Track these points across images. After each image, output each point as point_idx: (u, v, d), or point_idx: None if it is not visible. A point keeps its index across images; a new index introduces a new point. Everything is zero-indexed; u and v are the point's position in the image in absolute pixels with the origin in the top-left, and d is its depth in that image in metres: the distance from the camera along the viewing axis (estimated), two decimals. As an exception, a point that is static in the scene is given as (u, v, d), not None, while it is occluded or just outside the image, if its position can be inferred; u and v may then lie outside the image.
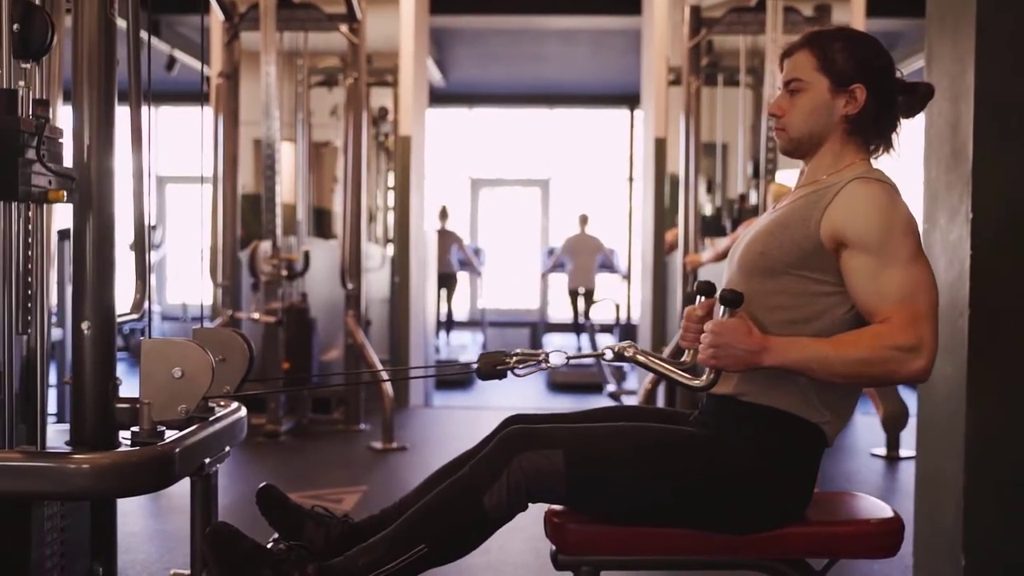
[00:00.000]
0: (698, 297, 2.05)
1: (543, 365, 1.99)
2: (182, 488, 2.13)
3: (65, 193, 1.89)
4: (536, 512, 1.99)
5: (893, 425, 4.94)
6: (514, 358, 1.99)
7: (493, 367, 1.99)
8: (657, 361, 1.99)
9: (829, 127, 1.97)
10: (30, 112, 1.86)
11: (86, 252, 1.91)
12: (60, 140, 1.95)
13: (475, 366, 2.00)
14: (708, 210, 7.68)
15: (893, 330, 1.81)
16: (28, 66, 1.91)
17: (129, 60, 2.28)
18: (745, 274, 1.97)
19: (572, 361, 2.00)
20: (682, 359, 2.09)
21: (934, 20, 2.80)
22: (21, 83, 1.88)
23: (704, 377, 1.91)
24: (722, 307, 1.87)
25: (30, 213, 1.95)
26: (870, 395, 4.97)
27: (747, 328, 1.84)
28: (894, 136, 2.00)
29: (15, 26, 1.86)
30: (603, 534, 1.92)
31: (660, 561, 1.97)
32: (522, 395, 8.31)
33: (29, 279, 1.93)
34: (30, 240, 1.95)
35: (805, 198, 1.96)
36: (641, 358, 1.97)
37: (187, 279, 11.83)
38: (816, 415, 1.91)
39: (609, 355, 1.98)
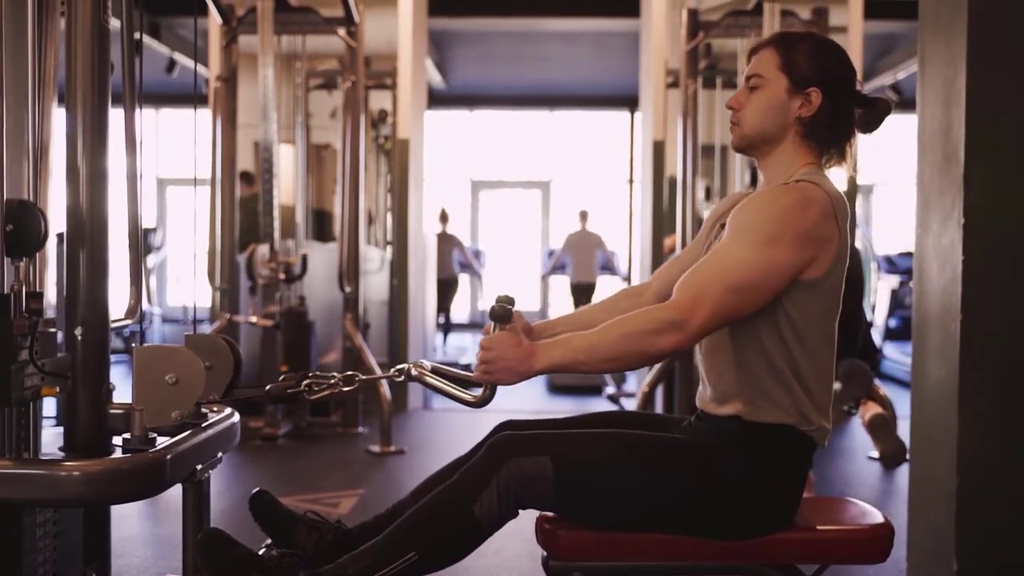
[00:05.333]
0: (492, 324, 1.90)
1: (338, 389, 2.03)
2: (180, 492, 2.15)
3: (58, 388, 1.89)
4: (532, 518, 1.99)
5: (893, 461, 4.82)
6: (305, 382, 2.03)
7: (284, 391, 2.03)
8: (438, 380, 2.00)
9: (783, 127, 1.97)
10: (23, 309, 1.83)
11: (79, 258, 1.92)
12: (52, 330, 1.93)
13: (268, 388, 2.04)
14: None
15: (665, 306, 1.84)
16: (22, 263, 1.86)
17: (123, 62, 2.28)
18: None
19: (360, 379, 2.03)
20: None
21: (927, 23, 2.79)
22: (14, 282, 1.84)
23: (480, 393, 1.93)
24: (492, 322, 1.88)
25: (23, 408, 1.95)
26: (869, 433, 4.87)
27: (516, 340, 1.85)
28: (848, 147, 2.00)
29: (8, 227, 1.82)
30: (594, 540, 1.92)
31: (650, 567, 1.96)
32: (523, 397, 8.30)
33: None
34: (23, 434, 1.95)
35: None
36: (428, 378, 2.00)
37: (188, 281, 11.84)
38: (808, 425, 1.92)
39: (399, 376, 2.02)
